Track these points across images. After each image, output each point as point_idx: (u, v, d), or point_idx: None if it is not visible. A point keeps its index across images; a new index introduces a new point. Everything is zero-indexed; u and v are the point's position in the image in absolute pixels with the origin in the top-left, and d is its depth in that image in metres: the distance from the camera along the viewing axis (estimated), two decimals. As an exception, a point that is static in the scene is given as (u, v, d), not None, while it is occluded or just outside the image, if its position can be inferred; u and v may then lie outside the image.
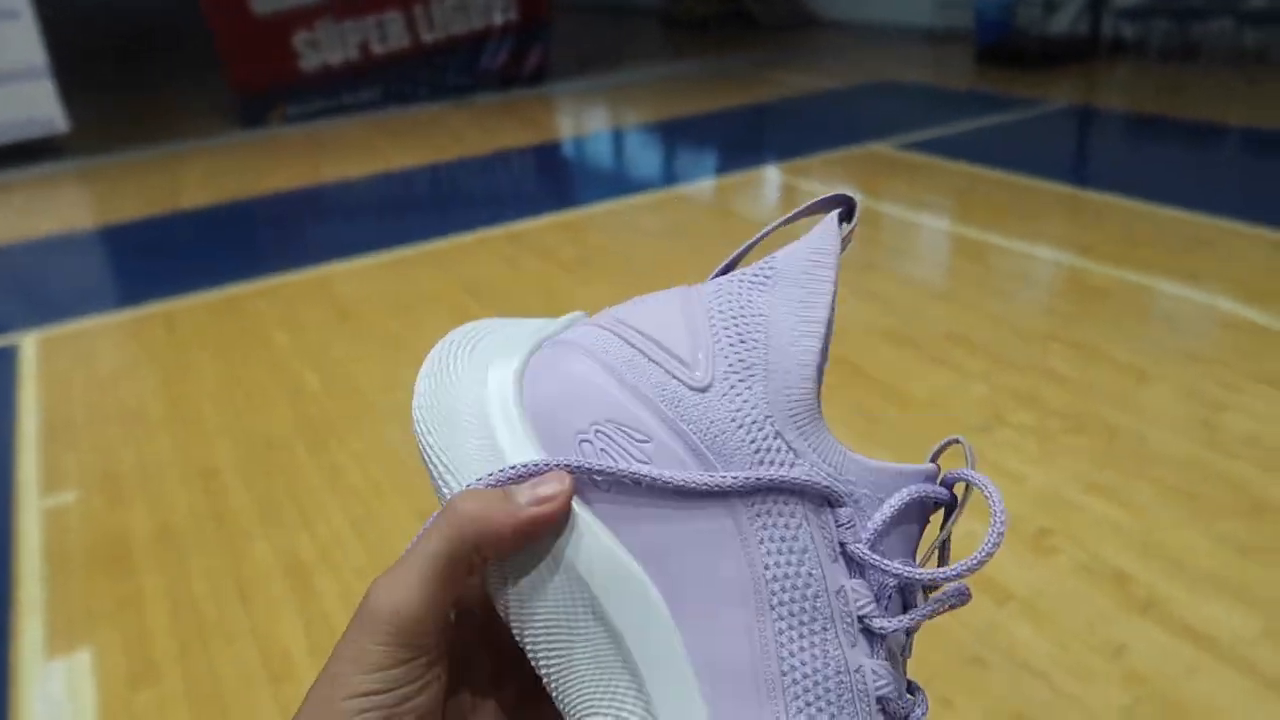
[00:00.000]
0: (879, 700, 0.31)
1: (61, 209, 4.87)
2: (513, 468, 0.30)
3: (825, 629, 0.30)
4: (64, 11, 7.44)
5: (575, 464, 0.30)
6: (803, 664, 0.30)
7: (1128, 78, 6.19)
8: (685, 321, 0.33)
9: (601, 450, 0.30)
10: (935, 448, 0.37)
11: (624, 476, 0.30)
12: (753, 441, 0.30)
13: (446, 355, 0.34)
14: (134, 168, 5.50)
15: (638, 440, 0.30)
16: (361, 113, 6.58)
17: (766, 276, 0.33)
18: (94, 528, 2.10)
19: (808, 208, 0.36)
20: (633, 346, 0.32)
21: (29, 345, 3.10)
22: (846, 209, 0.35)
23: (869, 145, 4.69)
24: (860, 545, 0.31)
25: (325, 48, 6.48)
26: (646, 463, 0.30)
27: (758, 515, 0.30)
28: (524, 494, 0.29)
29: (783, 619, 0.30)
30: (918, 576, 0.31)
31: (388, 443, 2.33)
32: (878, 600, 0.31)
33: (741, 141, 5.30)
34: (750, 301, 0.33)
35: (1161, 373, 2.41)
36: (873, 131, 4.89)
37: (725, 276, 0.35)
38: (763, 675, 0.30)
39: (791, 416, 0.31)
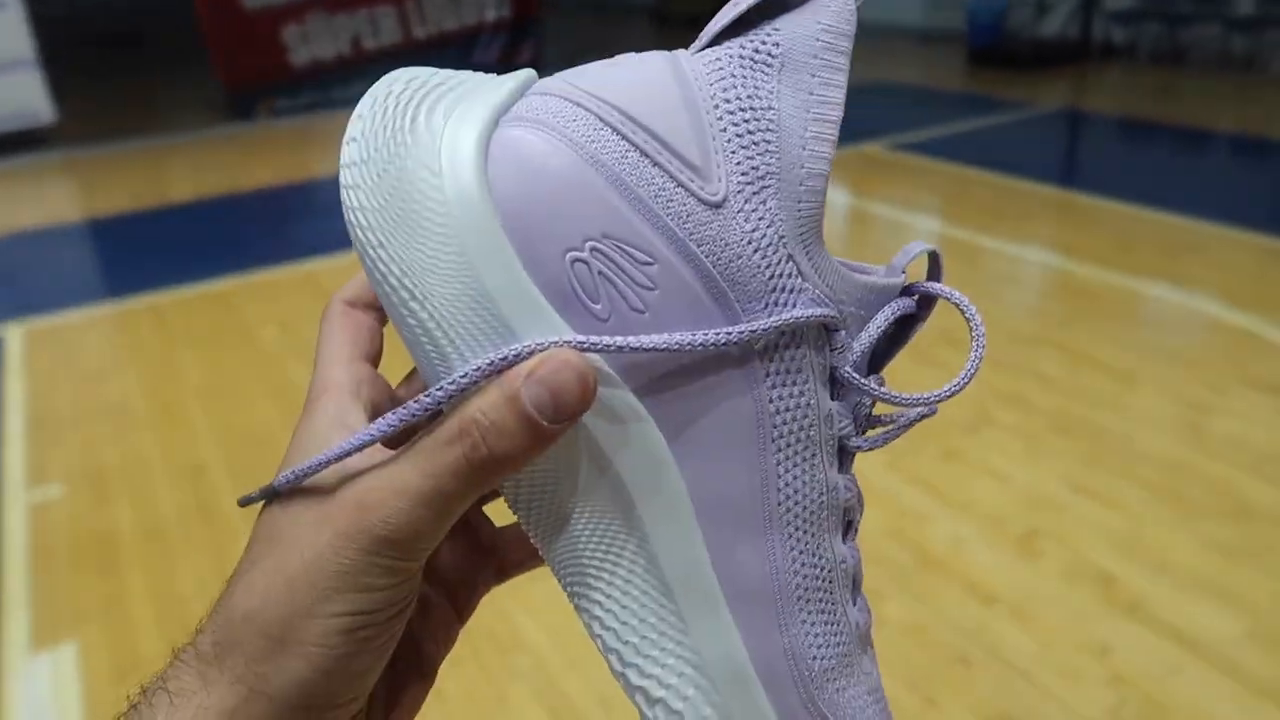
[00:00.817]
0: (845, 512, 0.31)
1: (47, 201, 4.83)
2: (516, 351, 0.25)
3: (814, 455, 0.30)
4: (51, 2, 7.39)
5: (593, 343, 0.26)
6: (796, 491, 0.29)
7: (1118, 81, 6.22)
8: (688, 111, 0.27)
9: (600, 276, 0.26)
10: (906, 258, 0.32)
11: (643, 349, 0.26)
12: (768, 266, 0.27)
13: (393, 112, 0.28)
14: (121, 160, 5.46)
15: (640, 263, 0.26)
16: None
17: (771, 56, 0.28)
18: (79, 524, 2.08)
19: None
20: (627, 140, 0.26)
21: (14, 338, 3.07)
22: None
23: (860, 146, 4.70)
24: (849, 369, 0.30)
25: (316, 42, 6.45)
26: (651, 288, 0.26)
27: (766, 350, 0.28)
28: (544, 408, 0.25)
29: (781, 450, 0.29)
30: (905, 401, 0.32)
31: (376, 439, 2.32)
32: (854, 421, 0.31)
33: (733, 140, 5.29)
34: (757, 88, 0.28)
35: (1149, 375, 2.42)
36: (864, 132, 4.90)
37: (717, 49, 0.29)
38: (762, 508, 0.29)
39: (801, 236, 0.28)
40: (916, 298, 0.32)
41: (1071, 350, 2.58)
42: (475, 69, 0.31)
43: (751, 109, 0.27)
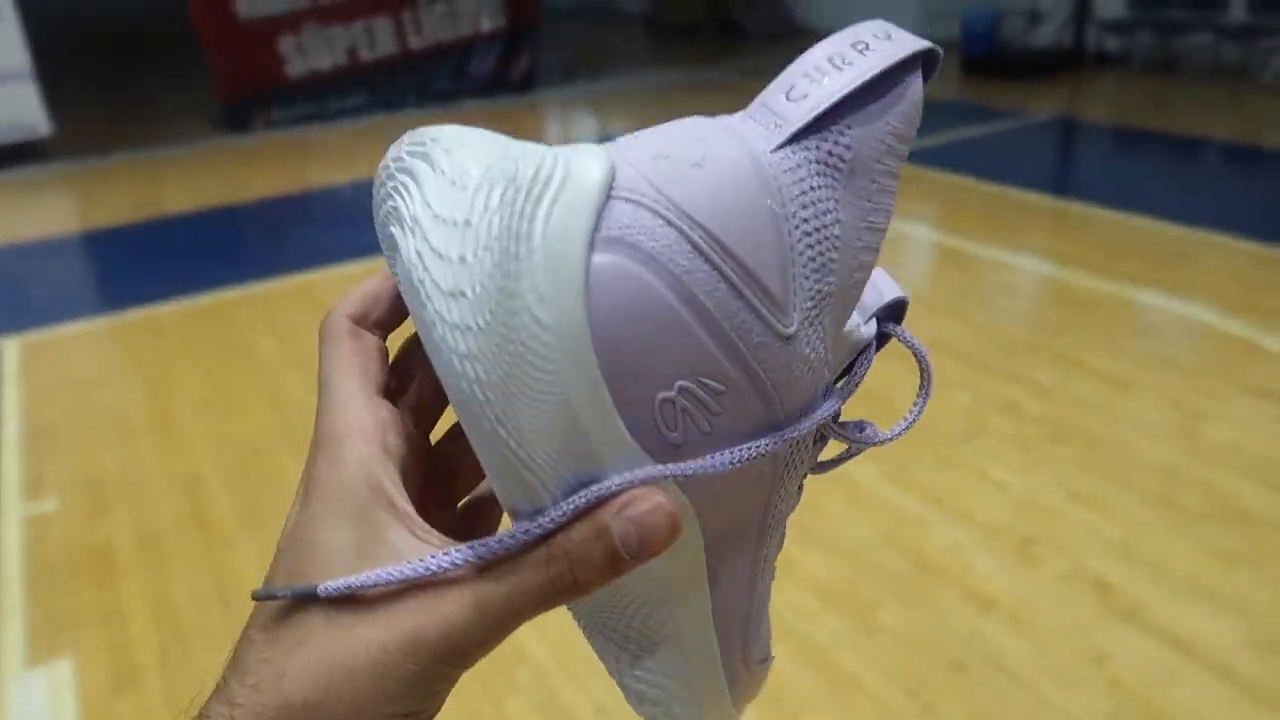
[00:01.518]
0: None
1: (45, 213, 4.83)
2: (607, 488, 0.26)
3: (795, 499, 0.33)
4: (48, 14, 7.40)
5: (671, 473, 0.27)
6: (777, 526, 0.33)
7: (1111, 90, 6.25)
8: (774, 230, 0.27)
9: (683, 411, 0.27)
10: (881, 301, 0.34)
11: (707, 471, 0.27)
12: (814, 380, 0.29)
13: (495, 236, 0.25)
14: (118, 172, 5.47)
15: (715, 392, 0.27)
16: (348, 118, 6.57)
17: (843, 161, 0.27)
18: (76, 534, 2.08)
19: (885, 70, 0.28)
20: (718, 271, 0.26)
21: (11, 350, 3.07)
22: (926, 64, 0.29)
23: (855, 155, 4.71)
24: (835, 426, 0.32)
25: (312, 53, 6.46)
26: (720, 414, 0.27)
27: (790, 453, 0.30)
28: (631, 545, 0.26)
29: (777, 507, 0.32)
30: (876, 440, 0.34)
31: (373, 449, 2.32)
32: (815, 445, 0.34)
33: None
34: (828, 203, 0.27)
35: (1144, 382, 2.43)
36: (859, 141, 4.91)
37: (796, 150, 0.27)
38: (757, 545, 0.32)
39: (837, 335, 0.29)
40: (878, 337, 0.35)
41: (1067, 358, 2.58)
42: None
43: (822, 226, 0.27)
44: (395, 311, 0.31)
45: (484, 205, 0.25)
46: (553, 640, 1.65)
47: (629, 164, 0.27)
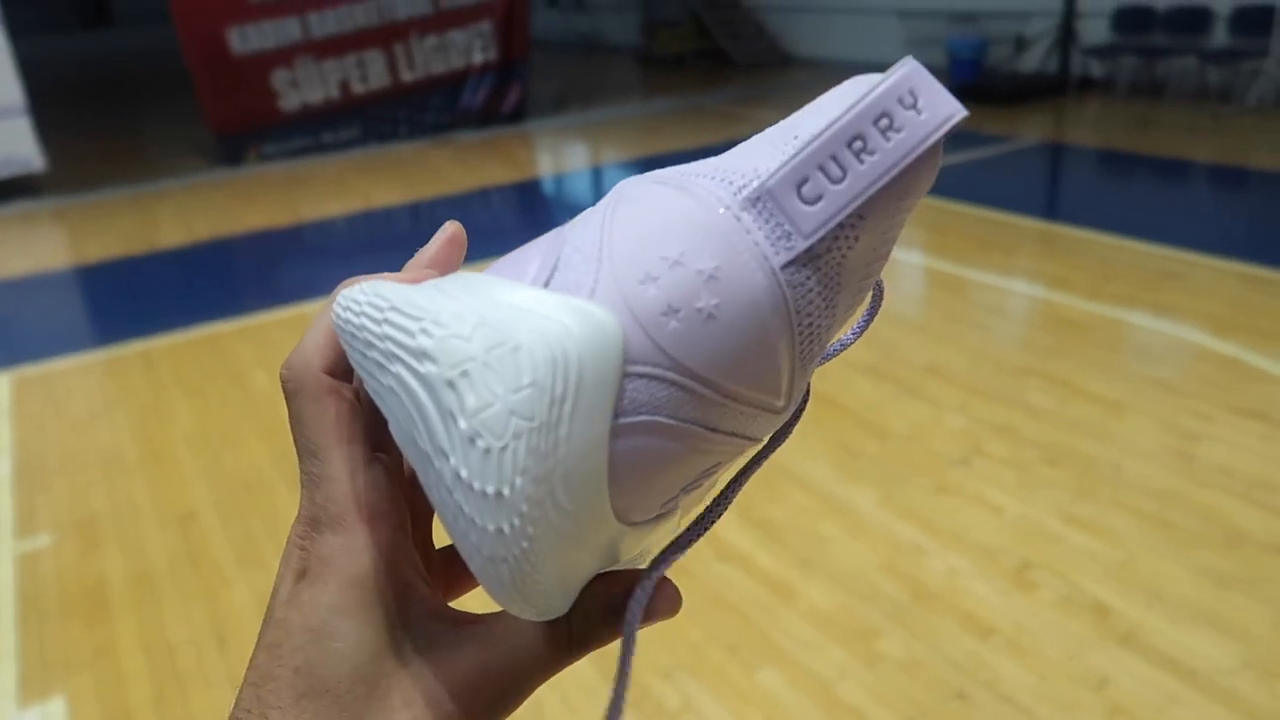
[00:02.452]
0: None
1: (38, 248, 4.83)
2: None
3: None
4: (41, 50, 7.44)
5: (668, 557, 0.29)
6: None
7: (1097, 114, 6.31)
8: (785, 362, 0.27)
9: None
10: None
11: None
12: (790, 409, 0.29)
13: (535, 449, 0.24)
14: (111, 206, 5.48)
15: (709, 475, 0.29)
16: (341, 151, 6.60)
17: (845, 260, 0.26)
18: (68, 573, 2.06)
19: (915, 160, 0.25)
20: (725, 405, 0.26)
21: (3, 386, 3.06)
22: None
23: (845, 181, 4.75)
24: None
25: (305, 86, 6.51)
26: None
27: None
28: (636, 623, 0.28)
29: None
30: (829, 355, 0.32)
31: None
32: None
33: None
34: (819, 304, 0.27)
35: (1136, 404, 2.44)
36: (848, 167, 4.95)
37: (805, 265, 0.26)
38: None
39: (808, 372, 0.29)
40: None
41: (1059, 381, 2.59)
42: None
43: (815, 327, 0.27)
44: None
45: (511, 463, 0.23)
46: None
47: (634, 316, 0.24)
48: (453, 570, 0.32)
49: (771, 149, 0.26)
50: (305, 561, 0.26)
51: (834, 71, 8.43)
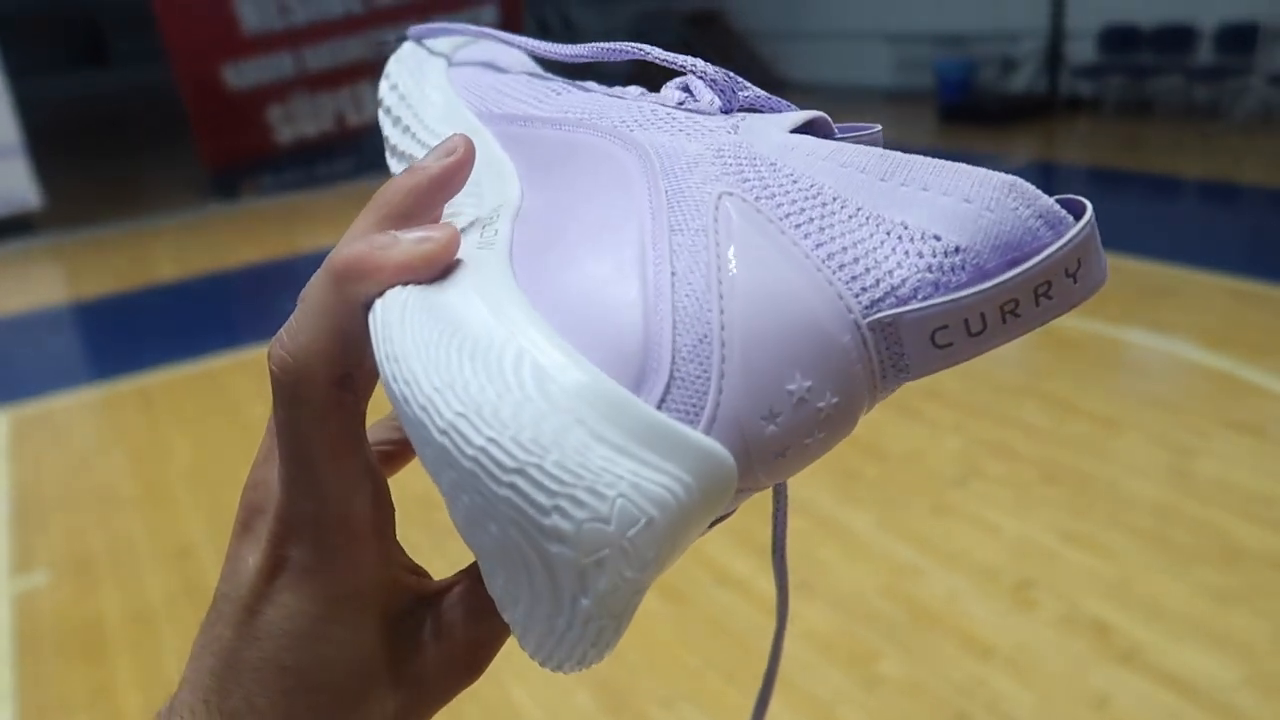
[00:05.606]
0: None
1: (35, 285, 4.85)
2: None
3: None
4: (38, 89, 7.50)
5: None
6: None
7: (1085, 132, 6.37)
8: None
9: None
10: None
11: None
12: None
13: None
14: (108, 243, 5.50)
15: None
16: (336, 183, 6.64)
17: None
18: (66, 611, 2.06)
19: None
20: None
21: (1, 423, 3.06)
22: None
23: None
24: None
25: (299, 120, 6.56)
26: None
27: None
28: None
29: None
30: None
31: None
32: None
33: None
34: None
35: (1132, 421, 2.44)
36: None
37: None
38: None
39: None
40: None
41: (1055, 399, 2.60)
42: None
43: None
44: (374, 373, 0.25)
45: (613, 628, 0.22)
46: (547, 701, 1.63)
47: (749, 457, 0.22)
48: (387, 458, 0.31)
49: (903, 239, 0.23)
50: (281, 561, 0.25)
51: (825, 96, 8.51)
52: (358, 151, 6.76)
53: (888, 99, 8.12)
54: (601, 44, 0.30)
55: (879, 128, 0.28)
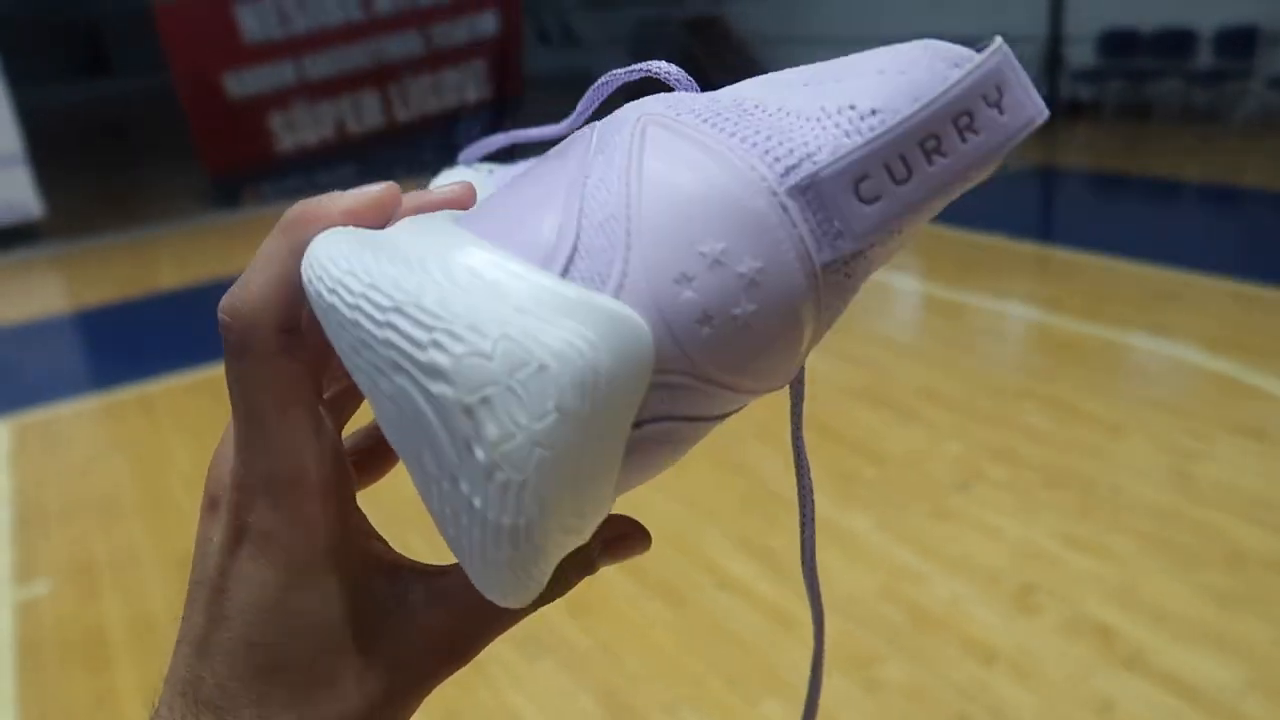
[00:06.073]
0: None
1: (37, 294, 4.86)
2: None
3: None
4: (40, 98, 7.52)
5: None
6: None
7: (1086, 137, 6.37)
8: (800, 362, 0.25)
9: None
10: None
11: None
12: None
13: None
14: (110, 252, 5.51)
15: None
16: (336, 188, 6.65)
17: (870, 268, 0.26)
18: (68, 620, 2.05)
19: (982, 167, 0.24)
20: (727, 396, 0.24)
21: (2, 432, 3.06)
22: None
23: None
24: None
25: (300, 128, 6.58)
26: None
27: None
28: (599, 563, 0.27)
29: None
30: None
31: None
32: None
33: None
34: (841, 310, 0.26)
35: (1134, 425, 2.44)
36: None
37: (839, 268, 0.24)
38: None
39: None
40: None
41: (1057, 403, 2.60)
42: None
43: (826, 330, 0.26)
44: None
45: (531, 498, 0.21)
46: (550, 711, 1.63)
47: (665, 321, 0.22)
48: (369, 460, 0.31)
49: (820, 119, 0.23)
50: (241, 531, 0.25)
51: (825, 101, 8.53)
52: (358, 160, 6.77)
53: (888, 104, 8.14)
54: (578, 106, 0.30)
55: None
